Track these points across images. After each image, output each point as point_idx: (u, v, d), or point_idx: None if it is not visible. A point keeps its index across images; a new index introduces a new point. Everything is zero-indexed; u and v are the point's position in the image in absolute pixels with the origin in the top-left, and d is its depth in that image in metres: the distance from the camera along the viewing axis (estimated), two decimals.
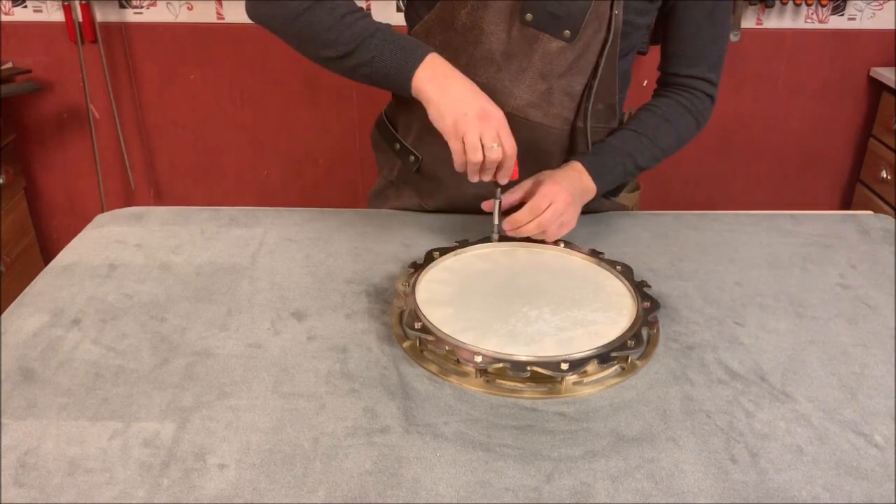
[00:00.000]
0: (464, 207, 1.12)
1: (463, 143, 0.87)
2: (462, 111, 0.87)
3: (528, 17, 0.93)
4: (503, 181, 0.92)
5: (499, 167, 0.90)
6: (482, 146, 0.87)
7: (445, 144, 1.07)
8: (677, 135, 1.06)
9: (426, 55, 0.89)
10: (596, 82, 0.99)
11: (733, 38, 2.26)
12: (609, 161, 1.02)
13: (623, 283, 0.90)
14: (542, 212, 0.94)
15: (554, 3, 0.93)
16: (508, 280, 0.91)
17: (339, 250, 1.02)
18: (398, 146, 1.12)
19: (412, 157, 1.10)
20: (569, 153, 1.07)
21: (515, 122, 1.02)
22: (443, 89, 0.88)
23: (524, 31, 0.95)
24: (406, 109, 1.11)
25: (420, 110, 1.08)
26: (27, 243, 2.36)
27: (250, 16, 0.95)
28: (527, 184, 0.99)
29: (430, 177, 1.11)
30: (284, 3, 0.90)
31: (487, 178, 0.91)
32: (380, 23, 0.91)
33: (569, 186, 0.97)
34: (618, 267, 0.92)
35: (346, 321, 0.86)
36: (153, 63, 2.33)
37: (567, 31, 0.95)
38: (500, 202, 0.98)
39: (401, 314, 0.85)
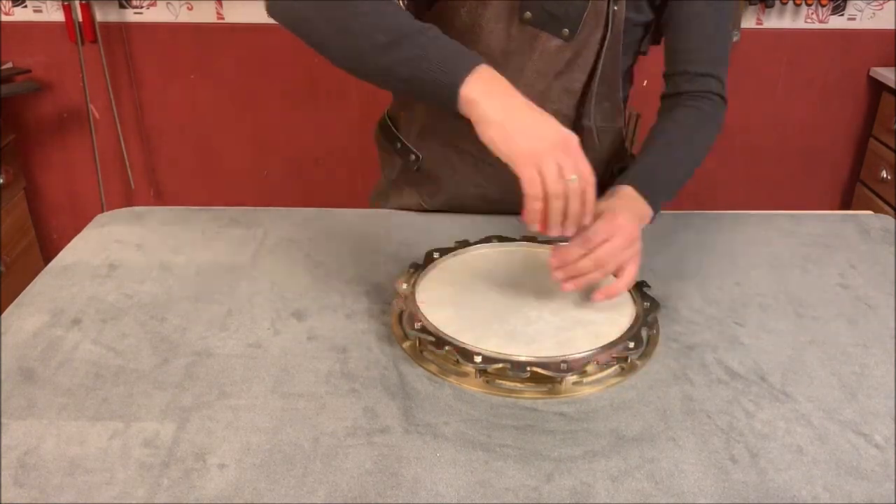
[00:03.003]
0: (464, 207, 1.12)
1: (540, 173, 0.74)
2: (538, 135, 0.74)
3: (527, 15, 0.94)
4: (587, 220, 0.78)
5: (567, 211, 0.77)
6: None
7: (446, 143, 1.08)
8: (705, 145, 1.00)
9: (478, 64, 0.77)
10: (596, 79, 0.99)
11: (734, 38, 2.26)
12: (657, 184, 0.91)
13: None
14: (597, 246, 0.80)
15: (552, 3, 0.93)
16: (508, 280, 0.91)
17: (339, 250, 1.02)
18: (399, 145, 1.12)
19: (413, 157, 1.11)
20: None
21: None
22: (506, 108, 0.75)
23: (523, 29, 0.95)
24: (407, 108, 1.11)
25: (421, 109, 1.08)
26: (27, 243, 2.36)
27: (272, 13, 0.83)
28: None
29: (430, 176, 1.11)
30: None
31: (567, 227, 0.77)
32: (423, 23, 0.79)
33: (631, 218, 0.83)
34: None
35: (346, 321, 0.86)
36: (153, 63, 2.33)
37: (566, 30, 0.95)
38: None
39: (401, 314, 0.85)
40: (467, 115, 0.76)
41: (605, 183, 1.14)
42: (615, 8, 0.94)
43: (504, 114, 0.75)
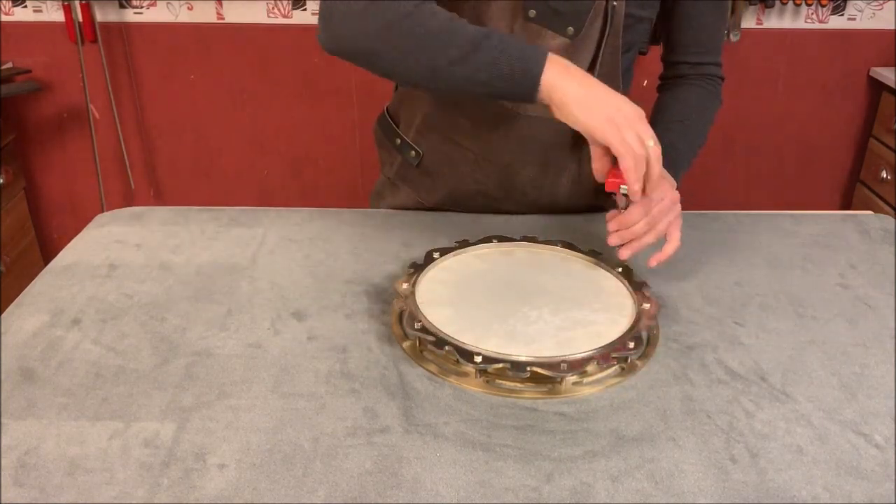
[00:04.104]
0: (464, 202, 1.12)
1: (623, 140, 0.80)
2: (615, 106, 0.81)
3: (532, 13, 0.93)
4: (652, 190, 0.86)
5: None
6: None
7: (447, 139, 1.08)
8: (711, 119, 1.09)
9: (548, 53, 0.83)
10: (595, 75, 0.99)
11: (733, 38, 2.26)
12: (679, 155, 1.01)
13: (623, 283, 0.90)
14: (652, 208, 0.89)
15: (558, 1, 0.93)
16: (508, 280, 0.91)
17: (339, 250, 1.02)
18: (399, 141, 1.12)
19: (413, 153, 1.11)
20: (570, 149, 1.07)
21: (517, 118, 1.02)
22: (584, 86, 0.82)
23: (527, 27, 0.95)
24: (408, 104, 1.11)
25: (422, 105, 1.08)
26: (27, 243, 2.36)
27: (328, 46, 0.86)
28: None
29: (430, 172, 1.11)
30: (381, 11, 0.82)
31: (648, 189, 0.84)
32: (484, 28, 0.85)
33: (669, 184, 0.92)
34: (618, 268, 0.92)
35: (346, 321, 0.86)
36: (153, 63, 2.33)
37: (570, 28, 0.94)
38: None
39: (401, 314, 0.85)
40: (548, 100, 0.83)
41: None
42: (615, 3, 0.94)
43: (582, 90, 0.81)
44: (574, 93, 0.81)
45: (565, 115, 0.82)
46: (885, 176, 2.25)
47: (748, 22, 2.29)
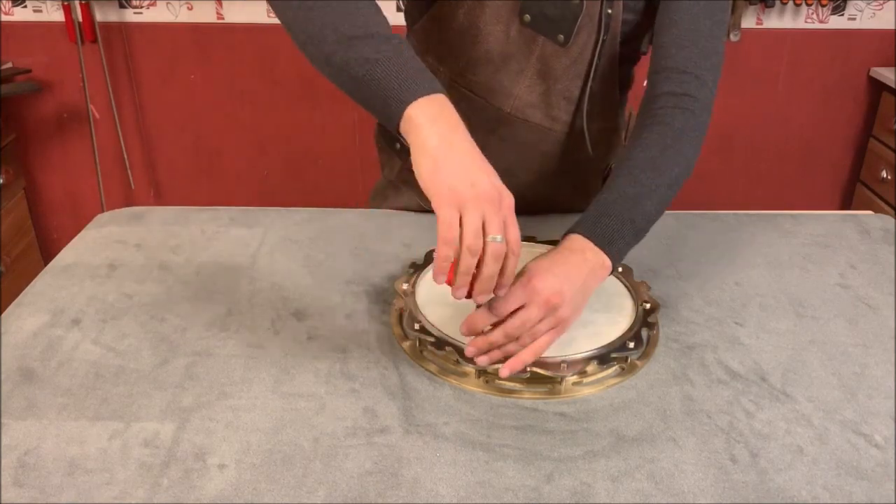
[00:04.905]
0: None
1: (460, 219, 0.66)
2: (469, 179, 0.66)
3: (527, 17, 0.93)
4: (501, 292, 0.69)
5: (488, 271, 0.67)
6: (483, 233, 0.66)
7: None
8: (685, 160, 0.85)
9: (439, 91, 0.72)
10: (590, 85, 0.98)
11: (733, 37, 2.26)
12: (613, 223, 0.78)
13: (623, 283, 0.90)
14: (508, 315, 0.71)
15: (549, 5, 0.92)
16: None
17: (339, 250, 1.02)
18: (398, 145, 1.12)
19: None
20: (570, 155, 1.07)
21: (515, 122, 1.02)
22: (445, 141, 0.68)
23: (523, 31, 0.95)
24: None
25: None
26: (27, 243, 2.36)
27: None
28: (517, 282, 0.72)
29: None
30: None
31: (476, 290, 0.68)
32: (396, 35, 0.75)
33: (563, 280, 0.72)
34: (618, 268, 0.92)
35: (346, 321, 0.86)
36: (153, 63, 2.33)
37: (561, 35, 0.94)
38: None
39: (401, 314, 0.85)
40: (406, 137, 0.72)
41: (598, 187, 1.14)
42: (609, 11, 0.93)
43: (441, 144, 0.68)
44: (430, 143, 0.68)
45: (414, 163, 0.70)
46: (885, 176, 2.25)
47: (748, 22, 2.29)
